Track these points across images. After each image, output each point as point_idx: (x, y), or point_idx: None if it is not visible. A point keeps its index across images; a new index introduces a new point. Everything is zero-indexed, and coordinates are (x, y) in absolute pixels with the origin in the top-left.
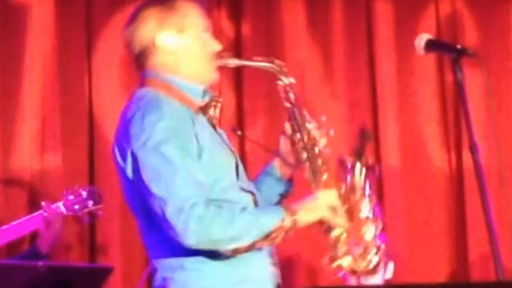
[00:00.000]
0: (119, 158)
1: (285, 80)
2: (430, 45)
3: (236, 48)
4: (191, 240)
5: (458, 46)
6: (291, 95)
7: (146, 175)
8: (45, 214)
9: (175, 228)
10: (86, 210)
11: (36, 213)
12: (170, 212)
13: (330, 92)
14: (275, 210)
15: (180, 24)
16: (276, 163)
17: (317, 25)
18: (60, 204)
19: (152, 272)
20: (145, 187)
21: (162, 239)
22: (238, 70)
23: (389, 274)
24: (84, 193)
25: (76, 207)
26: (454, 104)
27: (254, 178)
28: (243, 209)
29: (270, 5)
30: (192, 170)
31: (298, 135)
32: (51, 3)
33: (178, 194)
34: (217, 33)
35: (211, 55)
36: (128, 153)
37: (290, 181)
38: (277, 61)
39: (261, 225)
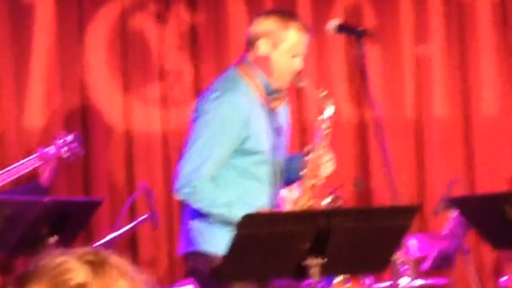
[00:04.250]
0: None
1: (327, 113)
2: (340, 28)
3: (191, 33)
4: (178, 196)
5: (360, 28)
6: (326, 127)
7: (192, 131)
8: (41, 154)
9: (176, 183)
10: (72, 152)
11: (31, 156)
12: (180, 168)
13: None
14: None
15: (279, 40)
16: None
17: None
18: (52, 147)
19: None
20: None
21: None
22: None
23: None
24: (70, 138)
25: (64, 149)
26: (359, 72)
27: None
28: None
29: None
30: (216, 146)
31: (310, 156)
32: (52, 2)
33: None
34: (177, 21)
35: (291, 72)
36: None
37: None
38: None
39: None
